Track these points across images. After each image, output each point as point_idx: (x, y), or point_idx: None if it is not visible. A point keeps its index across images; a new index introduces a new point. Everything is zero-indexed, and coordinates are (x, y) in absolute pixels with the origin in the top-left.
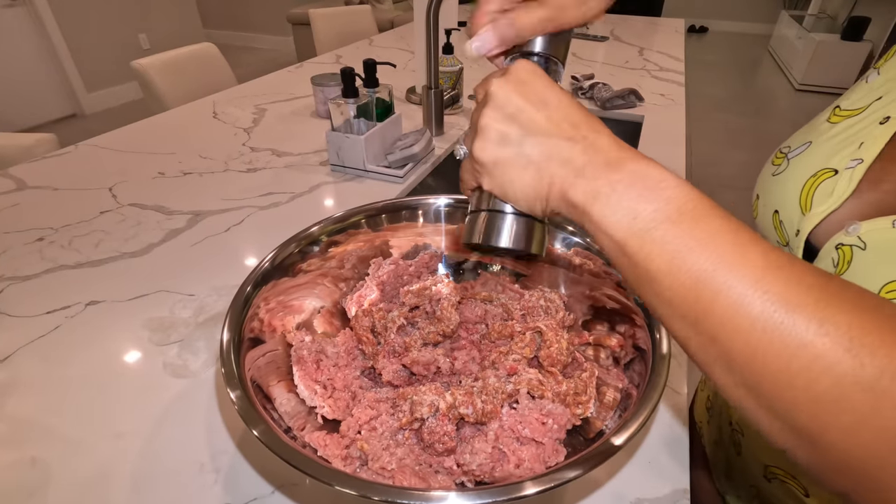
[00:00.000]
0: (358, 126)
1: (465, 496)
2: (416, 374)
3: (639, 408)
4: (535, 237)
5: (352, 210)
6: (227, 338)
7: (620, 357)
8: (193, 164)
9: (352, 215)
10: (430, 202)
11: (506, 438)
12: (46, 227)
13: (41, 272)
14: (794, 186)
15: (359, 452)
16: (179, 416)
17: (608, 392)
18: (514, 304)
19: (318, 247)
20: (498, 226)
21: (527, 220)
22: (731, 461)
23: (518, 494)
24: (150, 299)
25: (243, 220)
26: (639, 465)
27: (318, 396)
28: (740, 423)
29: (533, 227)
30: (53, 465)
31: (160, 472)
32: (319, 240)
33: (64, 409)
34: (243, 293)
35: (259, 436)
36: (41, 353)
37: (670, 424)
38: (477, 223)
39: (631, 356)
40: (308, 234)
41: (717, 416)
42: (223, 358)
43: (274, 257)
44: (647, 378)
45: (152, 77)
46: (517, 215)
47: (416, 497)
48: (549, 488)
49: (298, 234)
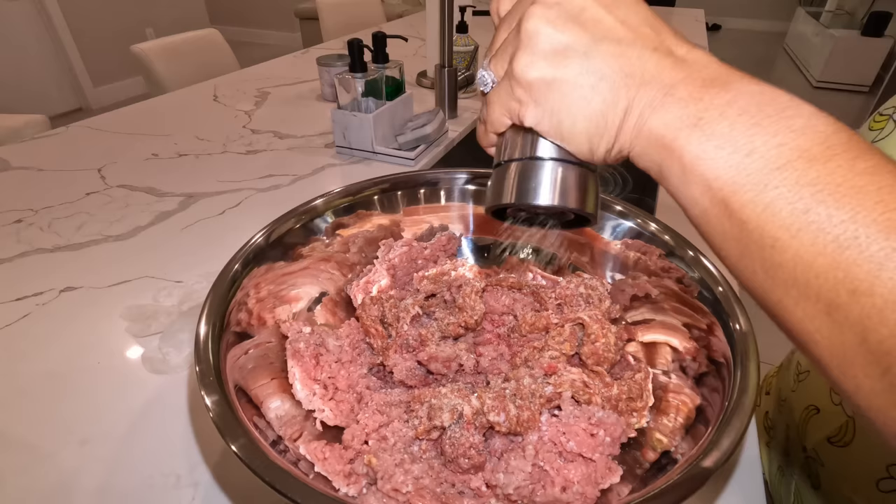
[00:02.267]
0: (366, 105)
1: None
2: (433, 372)
3: (725, 424)
4: (590, 192)
5: (363, 182)
6: (204, 330)
7: (689, 367)
8: (189, 146)
9: (363, 189)
10: (453, 176)
11: (547, 454)
12: (26, 208)
13: (14, 256)
14: None
15: (365, 468)
16: (155, 420)
17: (667, 397)
18: (547, 293)
19: (321, 228)
20: (538, 177)
21: (576, 168)
22: (805, 495)
23: None
24: (132, 286)
25: (240, 203)
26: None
27: (317, 398)
28: (819, 449)
29: (586, 177)
30: (5, 475)
31: (129, 485)
32: (323, 216)
33: (22, 409)
34: (229, 272)
35: (238, 452)
36: (4, 345)
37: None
38: (508, 178)
39: (704, 368)
40: (310, 207)
41: (784, 439)
42: (199, 353)
43: (269, 233)
44: (728, 388)
45: (153, 62)
46: (563, 162)
47: None
48: None
49: (297, 209)
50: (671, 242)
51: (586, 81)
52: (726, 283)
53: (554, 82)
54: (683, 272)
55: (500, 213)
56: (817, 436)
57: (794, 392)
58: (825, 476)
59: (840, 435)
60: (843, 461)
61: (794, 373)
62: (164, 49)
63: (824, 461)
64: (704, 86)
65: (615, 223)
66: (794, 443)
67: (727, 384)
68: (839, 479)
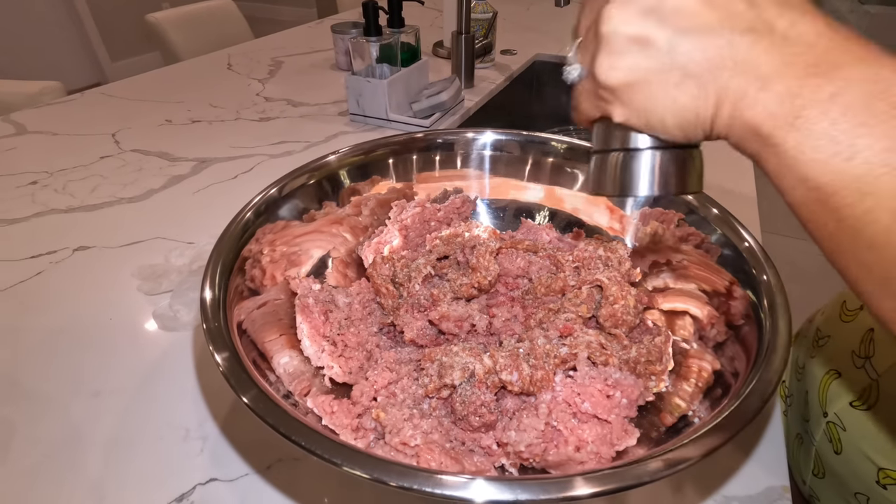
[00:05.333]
0: (381, 71)
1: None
2: (445, 332)
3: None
4: (692, 171)
5: (376, 141)
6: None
7: (708, 335)
8: (203, 113)
9: (375, 147)
10: (471, 137)
11: (561, 414)
12: (41, 171)
13: (30, 216)
14: None
15: (374, 423)
16: (165, 375)
17: (687, 363)
18: (564, 256)
19: (333, 190)
20: (638, 170)
21: (677, 151)
22: (827, 460)
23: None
24: (143, 246)
25: (253, 168)
26: (722, 457)
27: (325, 354)
28: (841, 414)
29: (685, 159)
30: (18, 423)
31: (139, 436)
32: (337, 177)
33: (37, 362)
34: (240, 221)
35: (249, 403)
36: (19, 300)
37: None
38: (608, 168)
39: (723, 336)
40: (322, 163)
41: (803, 406)
42: (206, 312)
43: (281, 187)
44: (755, 357)
45: (167, 31)
46: (663, 149)
47: (455, 486)
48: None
49: (309, 165)
50: (694, 202)
51: (671, 79)
52: (753, 240)
53: (637, 84)
54: (703, 236)
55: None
56: (839, 400)
57: (814, 358)
58: (847, 440)
59: (863, 397)
60: (865, 424)
61: (813, 339)
62: (179, 18)
63: (846, 425)
64: (807, 75)
65: None
66: (815, 409)
67: (753, 345)
68: (862, 442)
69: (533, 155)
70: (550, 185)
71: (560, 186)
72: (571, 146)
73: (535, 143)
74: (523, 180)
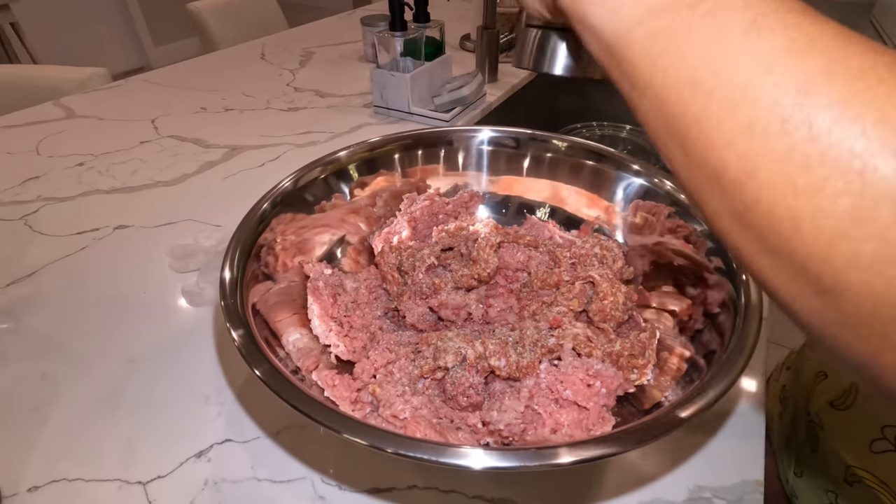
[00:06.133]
0: (405, 64)
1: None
2: (443, 319)
3: (713, 379)
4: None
5: (387, 137)
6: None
7: (687, 325)
8: (235, 101)
9: (385, 143)
10: (470, 135)
11: (542, 398)
12: (87, 153)
13: (76, 195)
14: None
15: (370, 397)
16: (190, 346)
17: (671, 359)
18: (562, 252)
19: (345, 183)
20: (549, 47)
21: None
22: (805, 459)
23: (554, 461)
24: (176, 227)
25: (279, 157)
26: (698, 447)
27: (332, 333)
28: (821, 412)
29: None
30: (62, 381)
31: (166, 399)
32: (346, 170)
33: (80, 328)
34: (257, 211)
35: (261, 376)
36: (66, 272)
37: (742, 406)
38: (528, 42)
39: (700, 325)
40: (334, 158)
41: (793, 407)
42: (224, 290)
43: (297, 178)
44: (727, 345)
45: (207, 20)
46: (571, 33)
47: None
48: (590, 459)
49: (324, 158)
50: (687, 201)
51: None
52: None
53: None
54: (691, 229)
55: None
56: (821, 400)
57: (809, 361)
58: (824, 438)
59: (843, 398)
60: (841, 423)
61: (808, 342)
62: (218, 8)
63: (824, 424)
64: None
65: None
66: (801, 409)
67: (727, 334)
68: (836, 440)
69: (534, 151)
70: (554, 181)
71: (561, 183)
72: (572, 144)
73: (538, 140)
74: (524, 176)
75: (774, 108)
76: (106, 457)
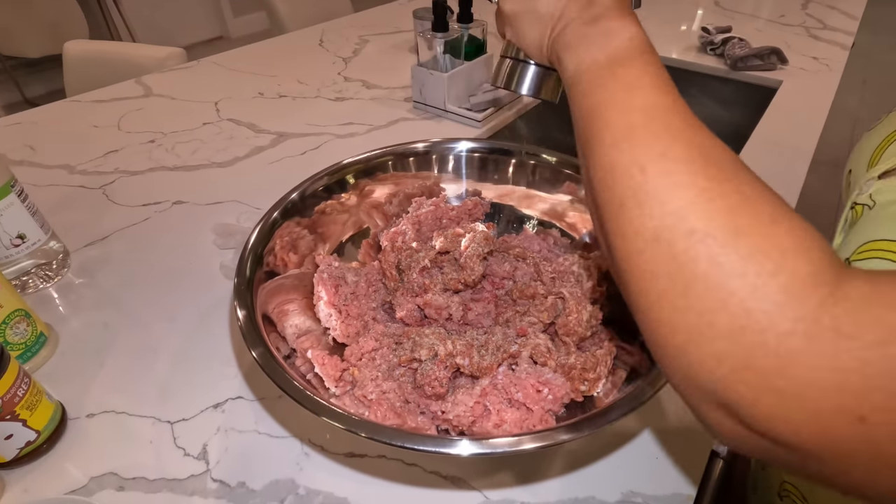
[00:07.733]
0: (444, 63)
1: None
2: (428, 316)
3: (646, 382)
4: (550, 86)
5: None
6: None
7: None
8: (289, 88)
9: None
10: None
11: (495, 397)
12: (158, 131)
13: (146, 170)
14: (873, 143)
15: (350, 377)
16: (221, 313)
17: (618, 372)
18: (546, 266)
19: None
20: (516, 74)
21: (543, 70)
22: (756, 474)
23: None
24: (222, 207)
25: (319, 147)
26: (643, 457)
27: (332, 318)
28: None
29: (548, 76)
30: (119, 332)
31: (195, 356)
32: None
33: (137, 288)
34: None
35: (256, 357)
36: (132, 238)
37: (691, 422)
38: (502, 69)
39: None
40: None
41: None
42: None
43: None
44: None
45: (275, 1)
46: (535, 65)
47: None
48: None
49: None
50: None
51: (530, 17)
52: None
53: (516, 16)
54: None
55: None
56: None
57: None
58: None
59: None
60: None
61: None
62: None
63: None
64: (586, 21)
65: None
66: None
67: None
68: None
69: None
70: (551, 194)
71: (556, 195)
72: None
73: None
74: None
75: None
76: (145, 397)
